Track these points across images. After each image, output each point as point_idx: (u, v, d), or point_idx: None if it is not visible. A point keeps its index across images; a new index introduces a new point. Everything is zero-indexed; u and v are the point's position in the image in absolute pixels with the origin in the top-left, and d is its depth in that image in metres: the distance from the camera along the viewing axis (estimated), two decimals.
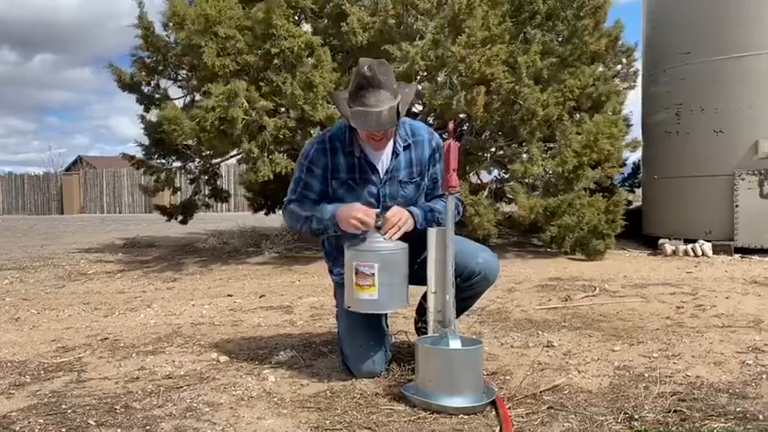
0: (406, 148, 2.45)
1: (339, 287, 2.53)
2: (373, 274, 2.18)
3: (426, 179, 2.50)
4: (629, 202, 9.05)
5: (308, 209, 2.41)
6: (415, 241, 2.31)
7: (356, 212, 2.25)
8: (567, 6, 6.04)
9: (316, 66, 5.39)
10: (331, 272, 2.61)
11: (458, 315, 2.28)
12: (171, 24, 5.87)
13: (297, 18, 6.54)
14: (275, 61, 5.62)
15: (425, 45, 5.46)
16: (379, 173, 2.43)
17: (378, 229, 2.26)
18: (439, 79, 5.85)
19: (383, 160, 2.43)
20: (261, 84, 5.69)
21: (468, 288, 2.37)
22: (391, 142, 2.42)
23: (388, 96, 2.23)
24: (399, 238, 2.28)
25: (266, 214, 8.98)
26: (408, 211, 2.34)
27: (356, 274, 2.21)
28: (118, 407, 2.11)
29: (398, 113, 2.24)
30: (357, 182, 2.41)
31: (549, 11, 6.16)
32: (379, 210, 2.31)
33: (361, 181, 2.41)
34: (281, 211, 9.02)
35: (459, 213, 2.51)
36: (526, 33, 6.05)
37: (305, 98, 5.33)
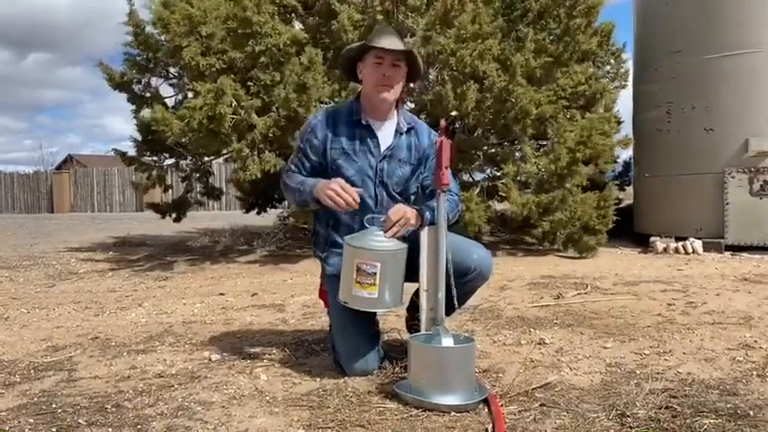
0: (409, 130, 2.50)
1: (332, 279, 2.45)
2: (375, 274, 2.16)
3: (424, 169, 2.51)
4: (619, 200, 9.11)
5: (298, 181, 2.44)
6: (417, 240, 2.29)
7: (334, 184, 2.26)
8: (559, 5, 6.06)
9: (308, 68, 5.36)
10: (326, 261, 2.52)
11: (452, 312, 2.28)
12: (157, 27, 5.86)
13: (287, 15, 6.52)
14: (262, 59, 5.60)
15: (416, 43, 5.45)
16: (380, 147, 2.44)
17: (373, 220, 2.26)
18: (430, 77, 5.85)
19: (386, 136, 2.47)
20: (249, 83, 5.66)
21: (463, 285, 2.36)
22: (395, 122, 2.48)
23: (401, 45, 2.38)
24: (404, 236, 2.28)
25: (258, 213, 8.93)
26: (417, 210, 2.31)
27: (357, 271, 2.19)
28: (109, 406, 2.09)
29: (410, 61, 2.40)
30: (356, 152, 2.42)
31: (542, 9, 6.18)
32: (361, 190, 2.32)
33: (361, 152, 2.42)
34: (272, 211, 9.04)
35: (458, 213, 2.51)
36: (518, 31, 6.06)
37: (298, 100, 5.31)
